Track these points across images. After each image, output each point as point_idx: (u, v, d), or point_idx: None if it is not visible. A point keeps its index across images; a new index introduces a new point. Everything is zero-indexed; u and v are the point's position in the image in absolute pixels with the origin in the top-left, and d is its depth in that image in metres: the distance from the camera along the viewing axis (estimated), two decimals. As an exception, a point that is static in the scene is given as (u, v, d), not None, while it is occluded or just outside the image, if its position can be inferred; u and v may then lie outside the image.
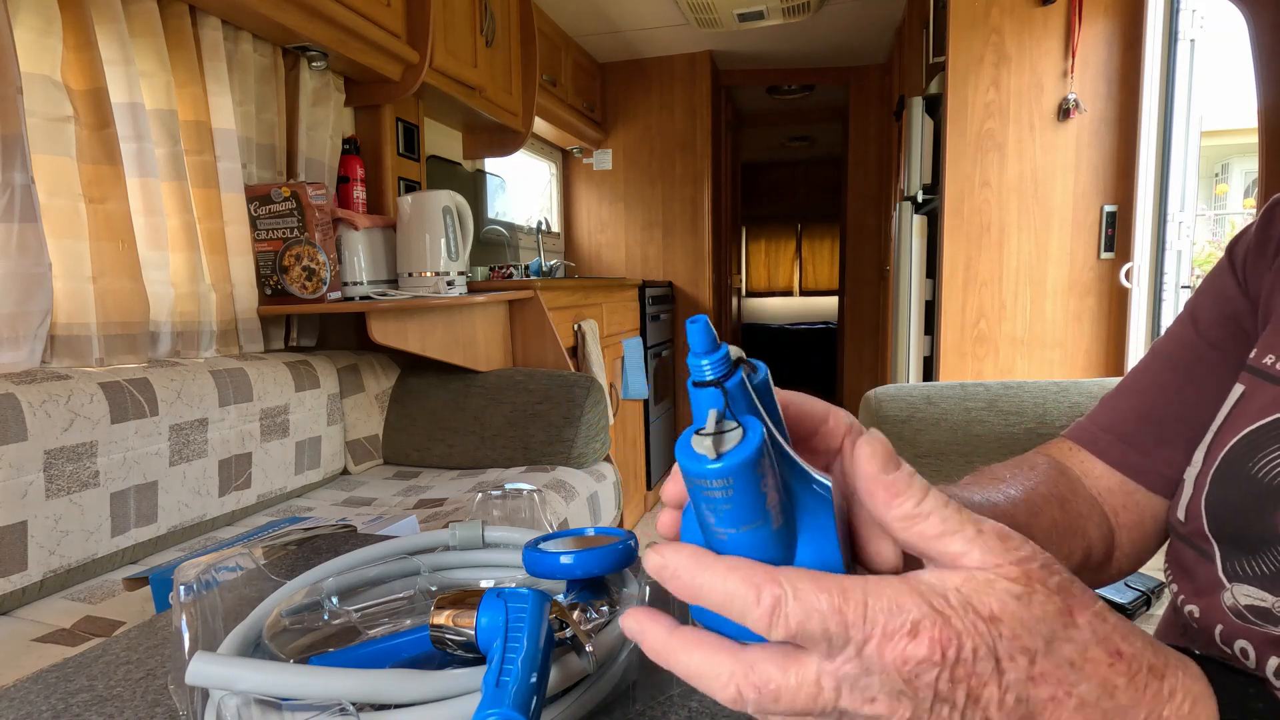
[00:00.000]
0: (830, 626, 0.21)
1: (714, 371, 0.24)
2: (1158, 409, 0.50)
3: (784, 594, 0.22)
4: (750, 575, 0.22)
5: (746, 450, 0.22)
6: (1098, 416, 0.53)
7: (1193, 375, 0.49)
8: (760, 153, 6.25)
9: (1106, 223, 2.02)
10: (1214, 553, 0.41)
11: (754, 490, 0.23)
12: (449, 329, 1.93)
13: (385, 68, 1.92)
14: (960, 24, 2.04)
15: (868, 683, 0.22)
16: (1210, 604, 0.40)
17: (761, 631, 0.22)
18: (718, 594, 0.23)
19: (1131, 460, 0.50)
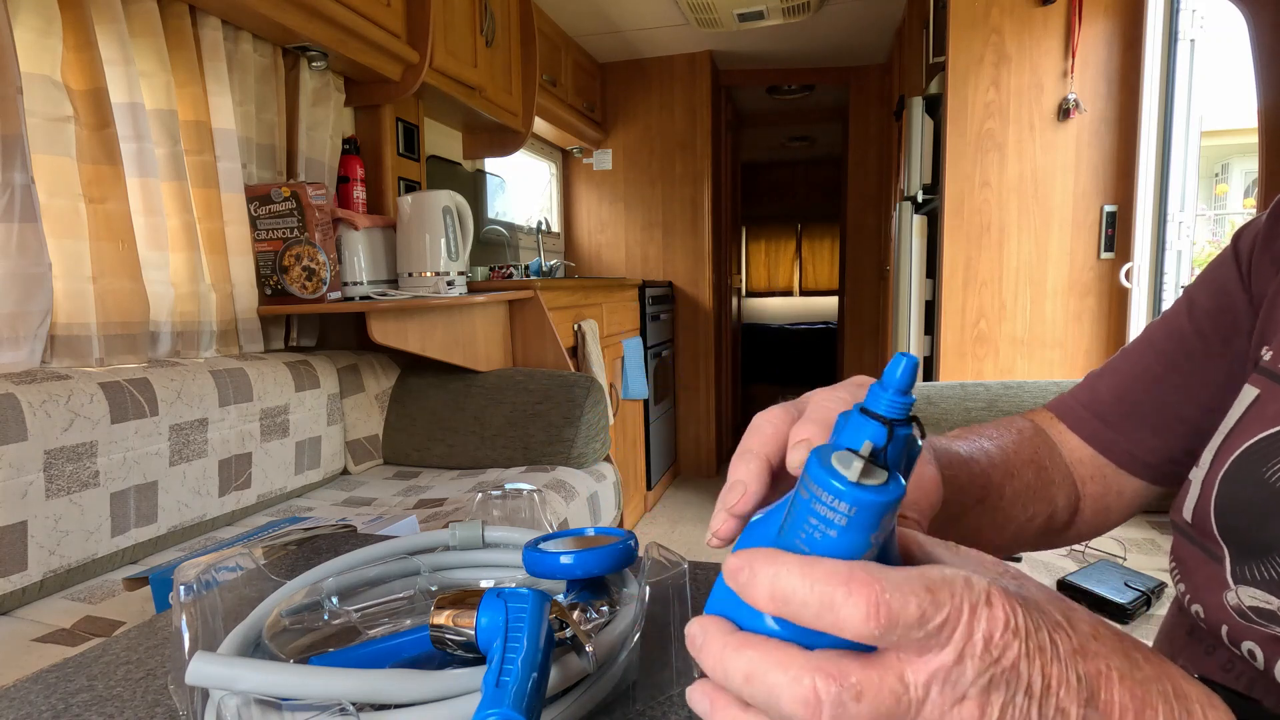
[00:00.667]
0: (926, 609, 0.20)
1: (890, 411, 0.22)
2: (1137, 392, 0.51)
3: (878, 584, 0.20)
4: (836, 570, 0.21)
5: (886, 495, 0.21)
6: (1079, 393, 0.54)
7: (1179, 365, 0.49)
8: (760, 153, 6.25)
9: (1106, 223, 2.01)
10: (1223, 555, 0.40)
11: (866, 533, 0.22)
12: (449, 329, 1.93)
13: (385, 68, 1.92)
14: (960, 24, 2.04)
15: (960, 675, 0.21)
16: (1214, 603, 0.40)
17: (857, 626, 0.20)
18: (801, 594, 0.21)
19: (1106, 438, 0.51)
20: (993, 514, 0.45)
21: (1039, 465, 0.49)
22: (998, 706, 0.21)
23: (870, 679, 0.20)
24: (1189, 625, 0.44)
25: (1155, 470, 0.51)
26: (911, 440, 0.23)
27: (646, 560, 0.41)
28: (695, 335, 3.80)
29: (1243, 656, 0.38)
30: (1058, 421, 0.54)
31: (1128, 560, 1.27)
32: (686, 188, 3.70)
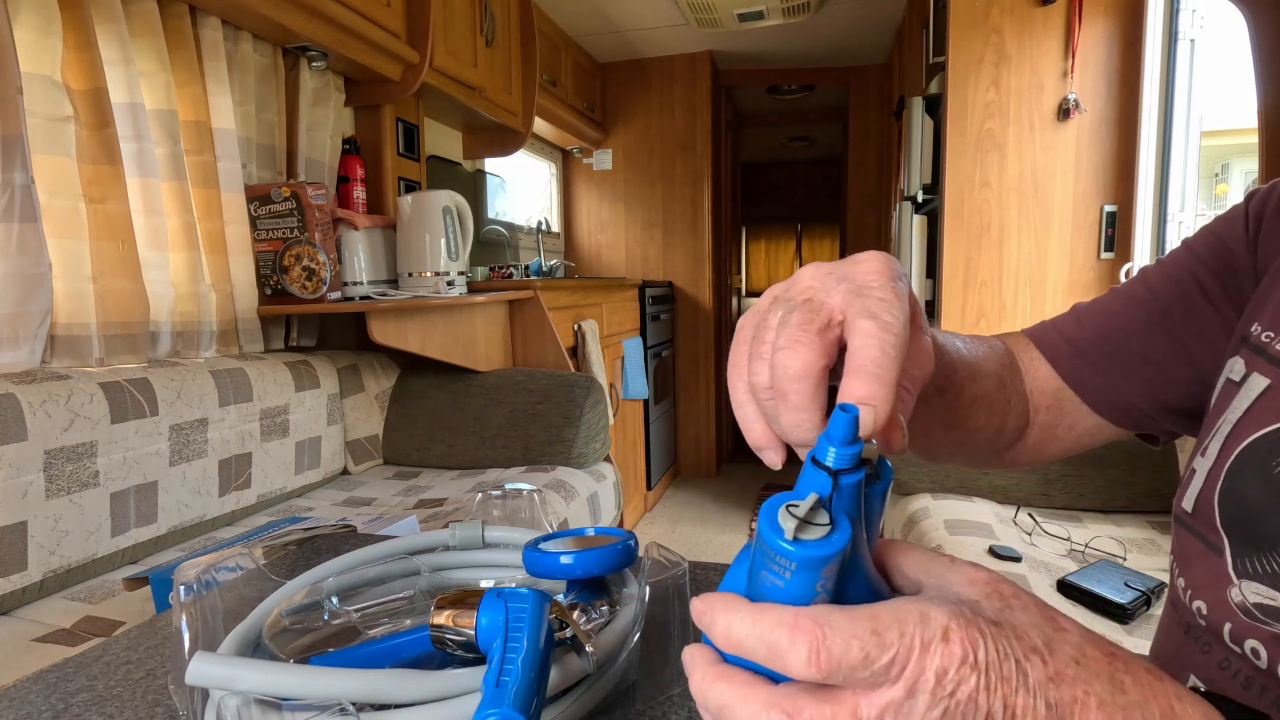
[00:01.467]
0: (870, 651, 0.21)
1: (836, 463, 0.24)
2: (1123, 336, 0.50)
3: (819, 631, 0.22)
4: (782, 617, 0.22)
5: (823, 550, 0.23)
6: (1061, 325, 0.54)
7: (1170, 316, 0.49)
8: (760, 153, 6.25)
9: (1106, 223, 2.01)
10: (1223, 546, 0.40)
11: (808, 584, 0.23)
12: (449, 329, 1.93)
13: (385, 68, 1.92)
14: (960, 24, 2.04)
15: (911, 708, 0.21)
16: (1217, 600, 0.40)
17: (800, 670, 0.22)
18: (752, 640, 0.23)
19: (1082, 375, 0.51)
20: (947, 411, 0.45)
21: (1000, 381, 0.49)
22: None
23: (823, 713, 0.22)
24: (1186, 623, 0.43)
25: (1124, 413, 0.51)
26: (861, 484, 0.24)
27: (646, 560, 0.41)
28: (695, 335, 3.80)
29: (1243, 655, 0.38)
30: (1032, 348, 0.54)
31: (1128, 560, 1.27)
32: (686, 188, 3.70)
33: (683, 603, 0.41)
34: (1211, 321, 0.47)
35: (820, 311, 0.28)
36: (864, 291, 0.28)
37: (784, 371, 0.27)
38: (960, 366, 0.45)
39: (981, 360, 0.47)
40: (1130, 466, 1.53)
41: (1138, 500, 1.53)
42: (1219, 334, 0.47)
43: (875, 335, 0.26)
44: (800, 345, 0.27)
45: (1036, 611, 0.24)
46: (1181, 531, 0.45)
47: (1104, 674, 0.23)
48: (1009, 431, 0.50)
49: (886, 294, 0.28)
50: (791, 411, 0.27)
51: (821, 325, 0.27)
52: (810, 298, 0.29)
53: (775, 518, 0.23)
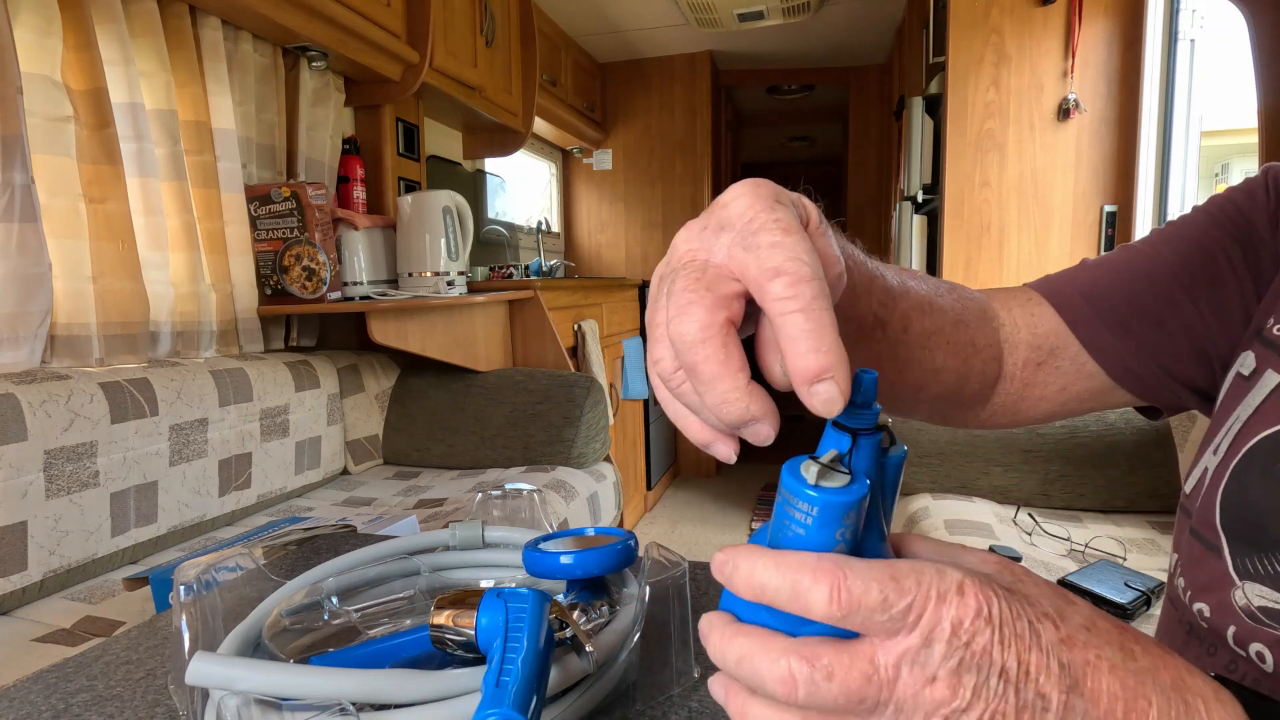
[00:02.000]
0: (889, 594, 0.22)
1: (856, 422, 0.25)
2: (1143, 301, 0.47)
3: (840, 572, 0.22)
4: (804, 560, 0.23)
5: (844, 496, 0.23)
6: (1076, 279, 0.50)
7: (1191, 287, 0.45)
8: (760, 153, 6.25)
9: (1106, 223, 2.01)
10: (1221, 547, 0.39)
11: (830, 531, 0.24)
12: (449, 329, 1.93)
13: (385, 68, 1.92)
14: (960, 24, 2.04)
15: (928, 656, 0.22)
16: (1220, 602, 0.39)
17: (821, 609, 0.22)
18: (774, 583, 0.23)
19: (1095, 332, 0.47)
20: (894, 347, 0.41)
21: (958, 319, 0.45)
22: (970, 688, 0.22)
23: (841, 661, 0.22)
24: (1188, 623, 0.42)
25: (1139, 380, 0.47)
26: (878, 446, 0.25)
27: (646, 560, 0.41)
28: (695, 335, 3.79)
29: (1248, 658, 0.37)
30: (1038, 301, 0.50)
31: (1128, 560, 1.27)
32: (686, 188, 3.70)
33: (682, 603, 0.41)
34: (1232, 292, 0.45)
35: (707, 269, 0.25)
36: (750, 239, 0.25)
37: (682, 340, 0.24)
38: (902, 296, 0.41)
39: (933, 295, 0.44)
40: (1130, 466, 1.53)
41: (1138, 500, 1.53)
42: (1237, 307, 0.45)
43: (791, 296, 0.23)
44: (691, 305, 0.24)
45: (1047, 587, 0.24)
46: (1185, 522, 0.44)
47: (1114, 641, 0.23)
48: (975, 378, 0.46)
49: (775, 233, 0.25)
50: (708, 386, 0.24)
51: (711, 280, 0.25)
52: (691, 259, 0.26)
53: (798, 468, 0.24)
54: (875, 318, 0.39)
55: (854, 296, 0.36)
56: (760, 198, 0.27)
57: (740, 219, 0.26)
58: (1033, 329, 0.48)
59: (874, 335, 0.40)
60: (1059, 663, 0.22)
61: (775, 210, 0.26)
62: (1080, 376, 0.48)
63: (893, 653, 0.22)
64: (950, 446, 1.63)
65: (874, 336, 0.40)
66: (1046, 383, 0.49)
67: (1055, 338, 0.48)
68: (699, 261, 0.26)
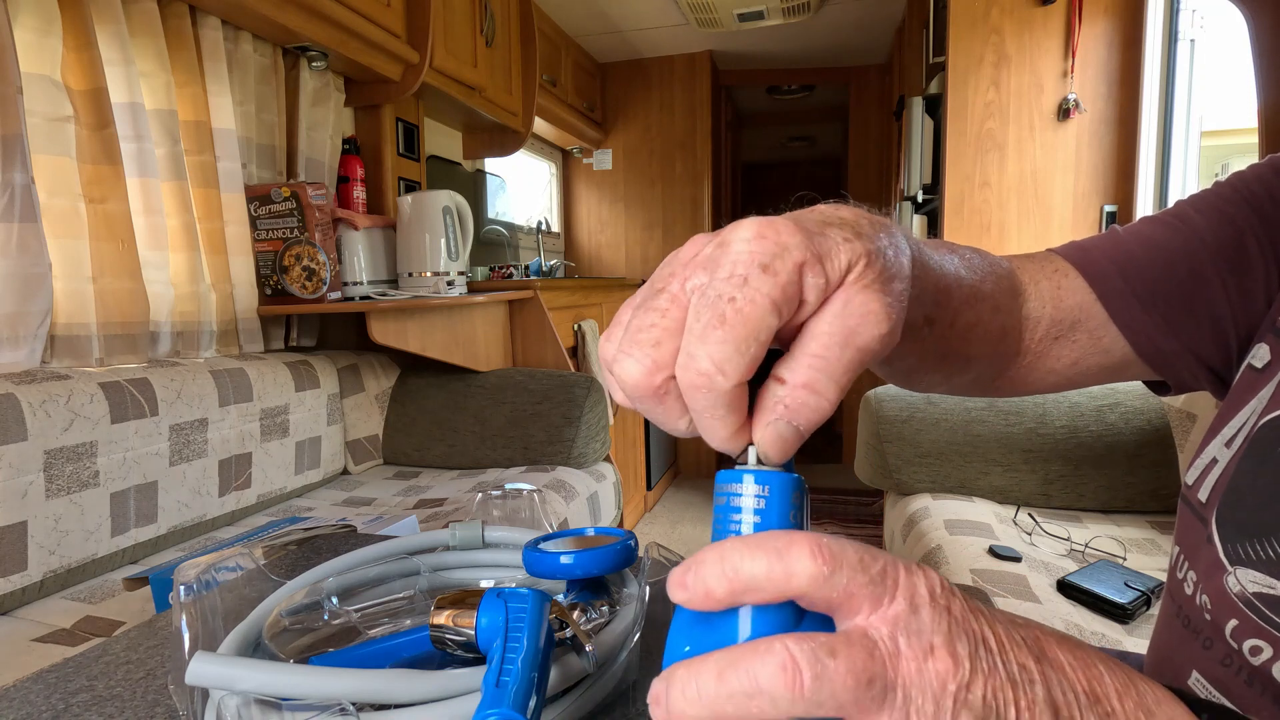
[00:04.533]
0: (864, 555, 0.21)
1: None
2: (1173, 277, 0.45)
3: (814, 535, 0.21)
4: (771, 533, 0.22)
5: (789, 474, 0.24)
6: (1109, 249, 0.47)
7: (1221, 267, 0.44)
8: (760, 153, 6.25)
9: (1106, 222, 2.01)
10: (1213, 532, 0.39)
11: (785, 511, 0.23)
12: (449, 329, 1.93)
13: (385, 68, 1.92)
14: (960, 24, 2.04)
15: (919, 623, 0.21)
16: (1217, 590, 0.39)
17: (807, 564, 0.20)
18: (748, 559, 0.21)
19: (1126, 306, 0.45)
20: (938, 343, 0.40)
21: (995, 305, 0.43)
22: (967, 657, 0.21)
23: (839, 639, 0.20)
24: (1186, 616, 0.42)
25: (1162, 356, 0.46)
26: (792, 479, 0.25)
27: (646, 560, 0.41)
28: (695, 335, 3.80)
29: (1241, 652, 0.37)
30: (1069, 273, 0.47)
31: (1128, 560, 1.27)
32: (686, 188, 3.70)
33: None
34: (1257, 275, 0.43)
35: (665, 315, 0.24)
36: (702, 305, 0.23)
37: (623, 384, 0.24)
38: (956, 290, 0.39)
39: (980, 281, 0.42)
40: (1130, 466, 1.53)
41: (1138, 500, 1.53)
42: (1260, 291, 0.43)
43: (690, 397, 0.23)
44: (629, 354, 0.24)
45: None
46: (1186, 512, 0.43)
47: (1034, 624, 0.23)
48: (996, 360, 0.46)
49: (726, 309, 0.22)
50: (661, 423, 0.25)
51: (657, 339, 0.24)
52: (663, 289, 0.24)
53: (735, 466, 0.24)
54: (926, 318, 0.38)
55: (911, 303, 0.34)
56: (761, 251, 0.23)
57: (721, 271, 0.23)
58: (1058, 302, 0.47)
59: (921, 334, 0.38)
60: (1020, 636, 0.22)
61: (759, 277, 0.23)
62: (1095, 350, 0.47)
63: (884, 622, 0.21)
64: (950, 447, 1.63)
65: (920, 335, 0.38)
66: (1059, 355, 0.47)
67: (1079, 310, 0.46)
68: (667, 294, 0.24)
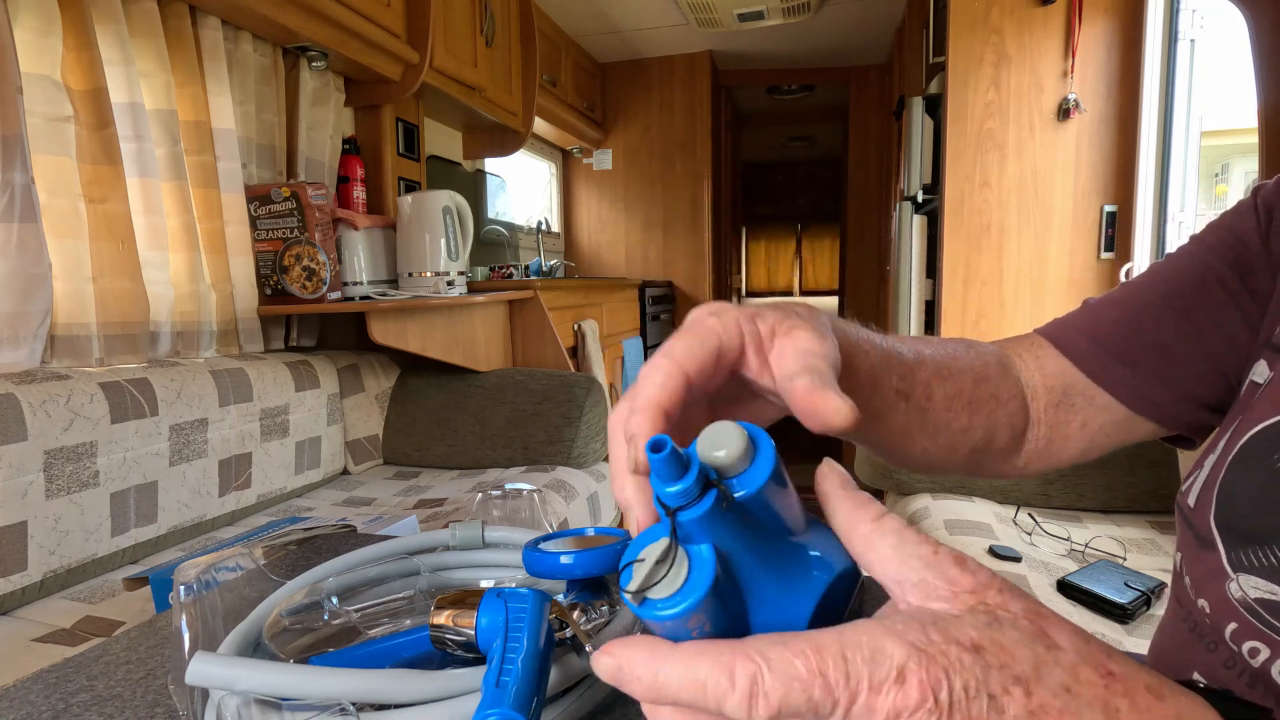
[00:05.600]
0: (815, 694, 0.19)
1: (673, 498, 0.22)
2: (1145, 329, 0.48)
3: (759, 669, 0.20)
4: (718, 655, 0.20)
5: (676, 603, 0.21)
6: (1077, 320, 0.51)
7: (1191, 312, 0.47)
8: (760, 153, 6.25)
9: (1106, 223, 2.01)
10: (1215, 541, 0.40)
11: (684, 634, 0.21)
12: (449, 329, 1.93)
13: (385, 68, 1.92)
14: (960, 24, 2.04)
15: None
16: (1218, 596, 0.39)
17: (741, 716, 0.20)
18: (687, 686, 0.20)
19: (1100, 364, 0.49)
20: (921, 415, 0.43)
21: (979, 376, 0.47)
22: None
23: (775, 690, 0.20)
24: (1193, 620, 0.42)
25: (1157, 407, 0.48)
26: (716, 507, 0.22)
27: (646, 560, 0.41)
28: (695, 335, 3.79)
29: (1242, 654, 0.38)
30: (1043, 345, 0.51)
31: (1128, 560, 1.27)
32: (686, 188, 3.70)
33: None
34: (1230, 314, 0.46)
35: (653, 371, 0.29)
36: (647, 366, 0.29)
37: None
38: (920, 366, 0.43)
39: (950, 359, 0.46)
40: (1130, 466, 1.53)
41: (1138, 500, 1.53)
42: (1239, 327, 0.45)
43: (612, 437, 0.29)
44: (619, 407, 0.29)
45: (1028, 625, 0.21)
46: (1183, 526, 0.44)
47: (1097, 702, 0.20)
48: (1003, 429, 0.48)
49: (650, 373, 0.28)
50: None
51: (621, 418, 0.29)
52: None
53: (628, 573, 0.21)
54: (897, 392, 0.41)
55: (874, 376, 0.39)
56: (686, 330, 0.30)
57: (668, 341, 0.30)
58: (1043, 371, 0.50)
59: (898, 408, 0.41)
60: None
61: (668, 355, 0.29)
62: (1095, 410, 0.49)
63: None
64: (950, 446, 1.63)
65: (898, 409, 0.42)
66: (1068, 421, 0.50)
67: (1063, 377, 0.50)
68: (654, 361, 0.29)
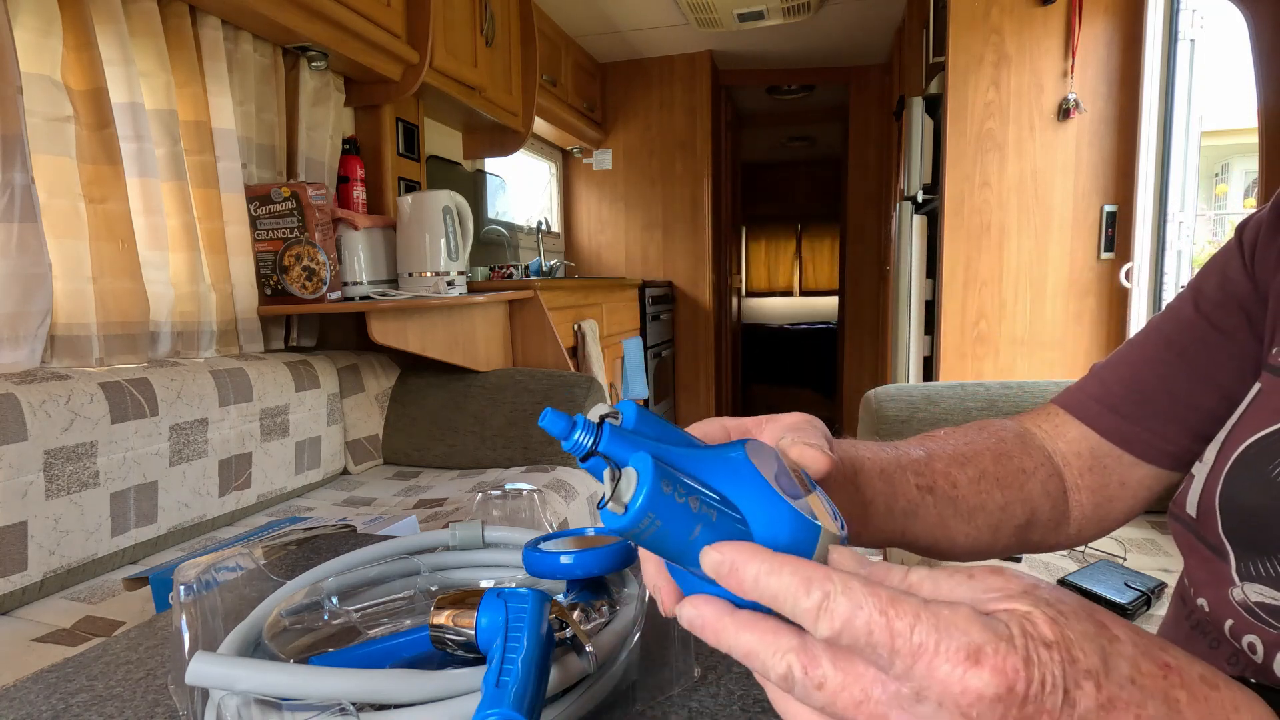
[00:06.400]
0: (875, 630, 0.20)
1: (580, 449, 0.27)
2: (1148, 382, 0.50)
3: (834, 588, 0.21)
4: (802, 569, 0.22)
5: (643, 486, 0.24)
6: (1086, 385, 0.53)
7: (1188, 355, 0.48)
8: (760, 153, 6.24)
9: (1106, 223, 2.01)
10: (1227, 552, 0.40)
11: (672, 510, 0.24)
12: (449, 329, 1.93)
13: (385, 68, 1.92)
14: (960, 24, 2.04)
15: (922, 712, 0.20)
16: (1219, 597, 0.40)
17: (809, 626, 0.22)
18: (772, 586, 0.22)
19: (1113, 424, 0.50)
20: (953, 504, 0.44)
21: (998, 454, 0.48)
22: None
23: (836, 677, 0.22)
24: (1196, 619, 0.43)
25: (1175, 458, 0.49)
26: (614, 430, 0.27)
27: (646, 560, 0.41)
28: (695, 335, 3.80)
29: (1243, 649, 0.38)
30: (1060, 414, 0.53)
31: (1128, 560, 1.27)
32: (686, 188, 3.70)
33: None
34: (1231, 352, 0.47)
35: None
36: None
37: None
38: (936, 459, 0.45)
39: (965, 445, 0.47)
40: (1130, 466, 1.53)
41: (1138, 500, 1.53)
42: (1246, 361, 0.46)
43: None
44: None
45: (1088, 619, 0.22)
46: (1183, 532, 0.45)
47: (1159, 693, 0.21)
48: (1042, 502, 0.48)
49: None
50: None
51: None
52: None
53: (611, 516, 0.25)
54: (918, 488, 0.43)
55: (889, 479, 0.41)
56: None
57: None
58: (1065, 439, 0.52)
59: (926, 503, 0.43)
60: None
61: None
62: (1125, 469, 0.50)
63: (887, 690, 0.21)
64: (950, 446, 1.63)
65: (926, 504, 0.43)
66: (1106, 482, 0.50)
67: (1085, 442, 0.51)
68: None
